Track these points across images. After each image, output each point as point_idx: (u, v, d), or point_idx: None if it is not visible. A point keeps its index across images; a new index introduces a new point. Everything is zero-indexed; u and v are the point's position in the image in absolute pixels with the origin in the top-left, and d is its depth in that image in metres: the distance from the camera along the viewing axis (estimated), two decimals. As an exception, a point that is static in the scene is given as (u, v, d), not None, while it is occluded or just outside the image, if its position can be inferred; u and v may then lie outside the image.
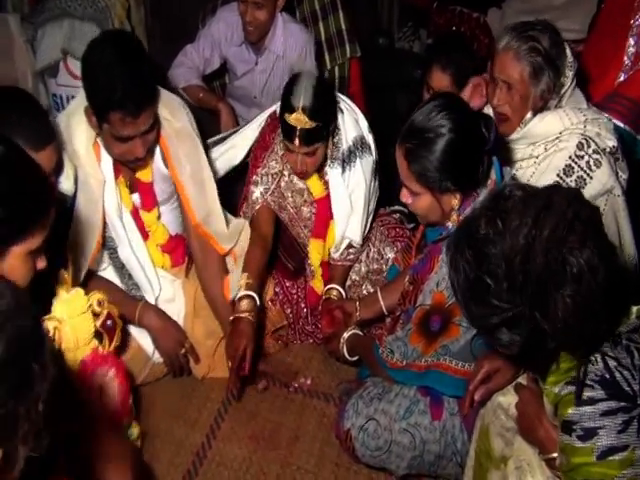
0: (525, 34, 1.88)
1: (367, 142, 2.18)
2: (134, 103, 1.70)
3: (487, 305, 1.12)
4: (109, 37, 1.80)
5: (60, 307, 1.47)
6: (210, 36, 2.80)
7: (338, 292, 2.21)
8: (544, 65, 1.86)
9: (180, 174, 1.96)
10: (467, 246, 1.14)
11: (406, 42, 4.01)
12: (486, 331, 1.18)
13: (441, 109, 1.52)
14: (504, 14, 3.43)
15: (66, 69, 2.88)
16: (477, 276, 1.12)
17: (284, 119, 1.92)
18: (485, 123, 1.55)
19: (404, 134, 1.60)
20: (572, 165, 1.92)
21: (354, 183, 2.15)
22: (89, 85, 1.74)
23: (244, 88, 2.85)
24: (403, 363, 1.68)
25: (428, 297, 1.61)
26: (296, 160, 2.00)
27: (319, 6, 3.16)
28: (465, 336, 1.59)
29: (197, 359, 2.10)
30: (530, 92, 1.89)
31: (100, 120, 1.75)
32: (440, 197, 1.59)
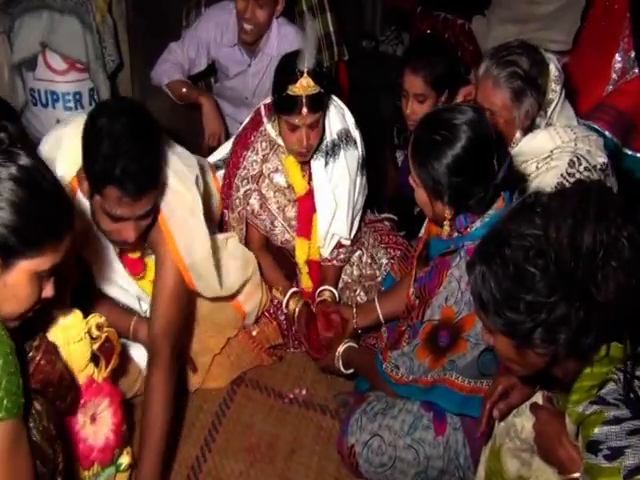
0: (503, 59, 1.88)
1: (352, 136, 2.17)
2: (135, 184, 1.52)
3: (524, 305, 1.10)
4: (124, 105, 1.64)
5: (56, 332, 1.40)
6: (197, 37, 2.72)
7: (331, 293, 2.20)
8: (525, 87, 1.86)
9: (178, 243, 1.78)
10: (502, 248, 1.12)
11: (390, 45, 4.01)
12: (521, 338, 1.15)
13: (466, 122, 1.50)
14: (489, 22, 3.45)
15: (45, 63, 2.78)
16: (518, 271, 1.09)
17: (287, 94, 1.90)
18: (499, 157, 1.52)
19: (422, 121, 1.59)
20: (564, 183, 1.91)
21: (337, 176, 2.14)
22: (90, 150, 1.55)
23: (235, 89, 2.79)
24: (409, 378, 1.66)
25: (437, 312, 1.60)
26: (300, 137, 1.98)
27: (307, 7, 3.12)
28: (472, 352, 1.58)
29: (195, 368, 2.06)
30: (514, 116, 1.90)
31: (94, 190, 1.58)
32: (432, 200, 1.58)
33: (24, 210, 1.13)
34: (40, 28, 2.74)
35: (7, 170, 1.12)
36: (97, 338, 1.52)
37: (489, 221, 1.56)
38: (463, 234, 1.58)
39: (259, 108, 2.18)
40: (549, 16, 3.28)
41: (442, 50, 2.37)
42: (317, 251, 2.25)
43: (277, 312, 2.24)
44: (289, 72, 1.91)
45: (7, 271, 1.15)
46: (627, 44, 2.61)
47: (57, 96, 2.80)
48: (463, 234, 1.58)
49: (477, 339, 1.57)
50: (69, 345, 1.44)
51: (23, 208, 1.13)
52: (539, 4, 3.37)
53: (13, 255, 1.15)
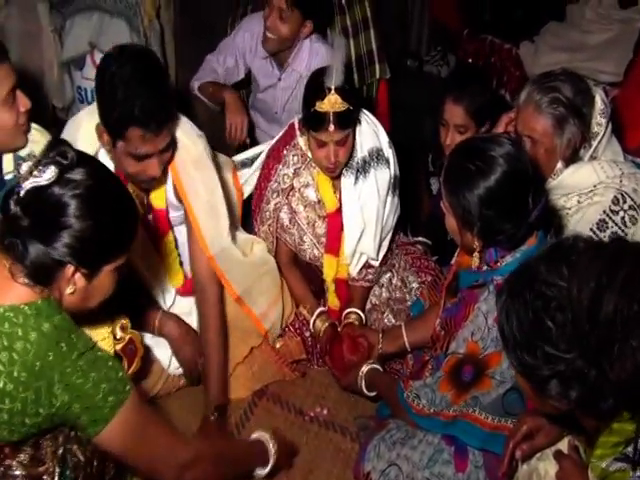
0: (545, 85, 1.83)
1: (384, 155, 2.14)
2: (155, 120, 1.63)
3: (542, 354, 1.07)
4: (127, 51, 1.71)
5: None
6: (234, 45, 2.73)
7: (358, 316, 2.17)
8: (567, 114, 1.80)
9: (194, 203, 1.87)
10: (526, 289, 1.09)
11: (434, 66, 3.96)
12: (536, 383, 1.12)
13: (503, 155, 1.46)
14: (537, 48, 3.41)
15: (92, 62, 2.82)
16: (536, 319, 1.07)
17: (315, 110, 1.90)
18: (535, 195, 1.48)
19: (457, 148, 1.57)
20: (606, 220, 1.87)
21: (366, 194, 2.11)
22: (105, 99, 1.65)
23: (265, 102, 2.79)
24: (430, 410, 1.63)
25: (462, 346, 1.57)
26: (328, 153, 1.97)
27: (350, 23, 3.11)
28: (497, 390, 1.54)
29: None
30: (555, 144, 1.84)
31: (115, 137, 1.66)
32: (462, 229, 1.55)
33: (98, 225, 1.20)
34: (90, 28, 2.79)
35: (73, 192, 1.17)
36: (121, 339, 1.52)
37: (520, 257, 1.52)
38: (493, 268, 1.55)
39: (293, 122, 2.18)
40: (600, 46, 3.24)
41: (484, 80, 2.34)
42: (345, 269, 2.22)
43: (302, 328, 2.22)
44: (317, 88, 1.90)
45: (94, 277, 1.25)
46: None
47: (98, 93, 2.85)
48: (493, 268, 1.55)
49: (503, 377, 1.53)
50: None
51: (97, 224, 1.19)
52: (591, 33, 3.33)
53: (98, 265, 1.24)
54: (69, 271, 1.19)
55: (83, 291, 1.24)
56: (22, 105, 1.68)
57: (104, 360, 1.23)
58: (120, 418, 1.22)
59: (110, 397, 1.20)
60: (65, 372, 1.16)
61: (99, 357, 1.23)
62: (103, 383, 1.20)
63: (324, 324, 2.14)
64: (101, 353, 1.24)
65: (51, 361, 1.15)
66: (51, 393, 1.15)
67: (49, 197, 1.16)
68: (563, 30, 3.43)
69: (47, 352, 1.15)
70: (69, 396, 1.17)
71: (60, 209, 1.16)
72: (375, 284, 2.28)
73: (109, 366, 1.23)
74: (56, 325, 1.17)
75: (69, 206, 1.16)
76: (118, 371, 1.24)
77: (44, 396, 1.15)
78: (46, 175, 1.15)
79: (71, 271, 1.19)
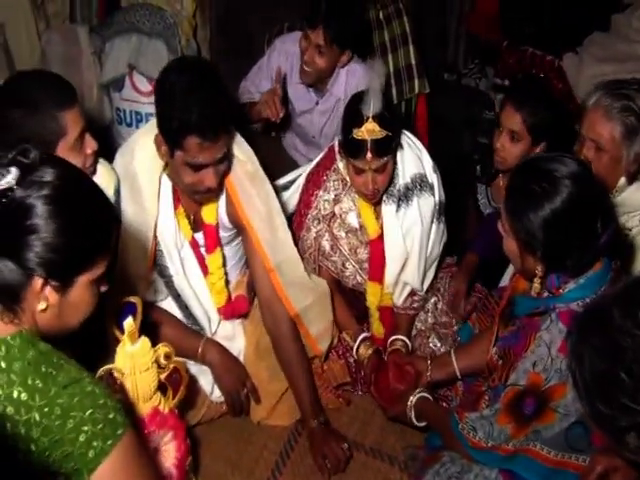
0: (618, 92, 1.77)
1: (428, 181, 2.06)
2: (212, 128, 1.62)
3: (617, 404, 0.99)
4: (185, 62, 1.76)
5: (123, 360, 1.37)
6: (269, 69, 2.64)
7: (404, 343, 2.10)
8: (638, 125, 1.73)
9: (252, 217, 1.86)
10: (597, 334, 1.02)
11: (472, 79, 3.90)
12: (612, 433, 1.05)
13: (570, 176, 1.39)
14: (581, 60, 3.31)
15: (131, 84, 2.84)
16: (610, 370, 0.99)
17: (352, 137, 1.84)
18: (604, 220, 1.40)
19: (520, 167, 1.50)
20: None
21: (409, 223, 2.04)
22: (164, 109, 1.66)
23: (302, 127, 2.74)
24: (488, 444, 1.54)
25: (522, 377, 1.48)
26: (366, 180, 1.91)
27: (389, 38, 3.07)
28: (561, 424, 1.46)
29: (258, 399, 2.00)
30: (622, 154, 1.77)
31: (173, 147, 1.66)
32: (523, 253, 1.47)
33: (69, 229, 1.08)
34: (129, 50, 2.81)
35: (38, 193, 1.05)
36: (165, 368, 1.48)
37: (584, 283, 1.44)
38: (555, 295, 1.47)
39: (333, 145, 2.12)
40: (647, 57, 3.12)
41: (551, 99, 2.22)
42: (389, 297, 2.16)
43: (346, 353, 2.15)
44: (354, 115, 1.85)
45: (68, 290, 1.12)
46: None
47: (141, 116, 2.85)
48: (555, 295, 1.47)
49: (567, 410, 1.45)
50: (135, 374, 1.40)
51: (67, 227, 1.08)
52: (637, 43, 3.22)
53: (70, 275, 1.12)
54: (37, 284, 1.07)
55: (57, 307, 1.11)
56: (89, 147, 1.69)
57: (93, 396, 1.07)
58: (106, 467, 1.06)
59: (95, 442, 1.05)
60: (43, 412, 1.03)
61: (87, 393, 1.07)
62: (86, 425, 1.04)
63: (368, 350, 2.07)
64: (91, 387, 1.08)
65: (25, 402, 1.02)
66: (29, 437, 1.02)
67: (11, 201, 1.03)
68: (609, 41, 3.33)
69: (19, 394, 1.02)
70: (48, 441, 1.02)
71: (24, 212, 1.04)
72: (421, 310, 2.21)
73: (99, 404, 1.07)
74: (29, 360, 1.05)
75: (34, 208, 1.04)
76: (110, 411, 1.08)
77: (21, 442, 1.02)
78: (6, 178, 1.03)
79: (40, 284, 1.07)
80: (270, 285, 1.91)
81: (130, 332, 1.37)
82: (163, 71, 1.69)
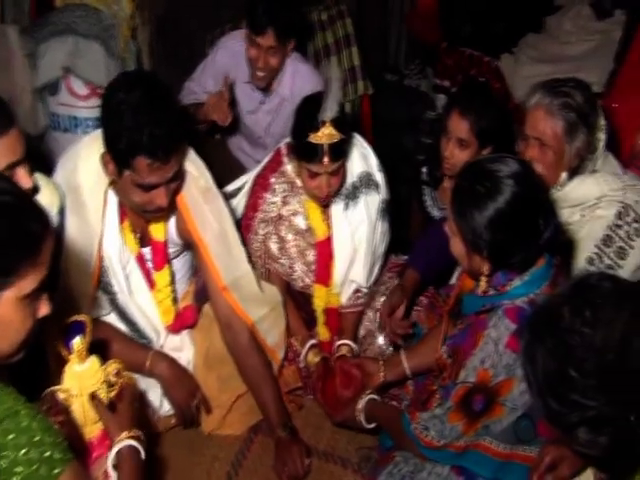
0: (557, 90, 1.83)
1: (374, 179, 2.10)
2: (163, 148, 1.56)
3: (568, 401, 1.03)
4: (134, 77, 1.68)
5: (71, 380, 1.31)
6: (214, 67, 2.62)
7: (349, 347, 2.10)
8: (578, 121, 1.80)
9: (204, 235, 1.82)
10: (548, 334, 1.05)
11: (413, 80, 3.96)
12: (563, 428, 1.08)
13: (511, 175, 1.42)
14: (517, 60, 3.41)
15: (67, 87, 2.73)
16: (560, 368, 1.03)
17: (307, 142, 1.83)
18: (546, 217, 1.44)
19: (465, 169, 1.52)
20: (611, 235, 1.86)
21: (357, 221, 2.07)
22: (112, 128, 1.59)
23: (248, 127, 2.72)
24: (440, 443, 1.56)
25: (472, 374, 1.50)
26: (321, 184, 1.92)
27: (333, 40, 3.09)
28: (509, 417, 1.49)
29: (209, 409, 1.98)
30: (564, 149, 1.83)
31: (122, 166, 1.60)
32: (470, 252, 1.50)
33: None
34: (64, 52, 2.70)
35: None
36: (114, 385, 1.42)
37: (528, 280, 1.48)
38: (500, 292, 1.50)
39: (279, 147, 2.12)
40: (580, 57, 3.25)
41: (495, 103, 2.26)
42: (336, 298, 2.17)
43: (296, 358, 2.14)
44: (310, 119, 1.84)
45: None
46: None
47: (78, 121, 2.75)
48: (500, 292, 1.50)
49: (514, 404, 1.48)
50: (84, 395, 1.35)
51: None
52: (570, 44, 3.34)
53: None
54: None
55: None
56: (24, 183, 1.45)
57: (29, 433, 0.98)
58: None
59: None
60: None
61: (23, 429, 0.98)
62: (20, 466, 0.96)
63: (315, 358, 2.07)
64: (27, 422, 0.99)
65: None
66: None
67: None
68: (542, 42, 3.44)
69: None
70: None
71: None
72: (367, 307, 2.22)
73: (35, 442, 0.98)
74: None
75: None
76: (47, 448, 0.99)
77: None
78: None
79: None
80: (225, 301, 1.88)
81: (78, 351, 1.32)
82: (110, 87, 1.63)
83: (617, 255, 1.85)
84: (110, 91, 1.60)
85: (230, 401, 1.98)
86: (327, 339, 2.18)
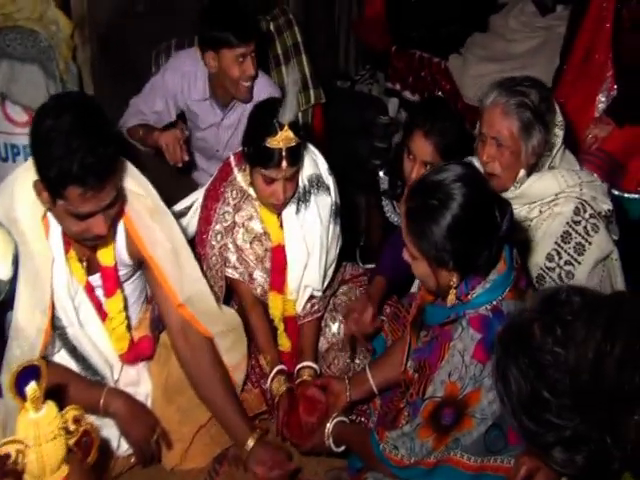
0: (513, 89, 1.84)
1: (324, 182, 2.08)
2: (95, 176, 1.48)
3: (543, 421, 1.01)
4: (63, 101, 1.57)
5: (26, 429, 1.21)
6: (163, 88, 2.57)
7: (311, 370, 2.03)
8: (534, 120, 1.81)
9: (155, 253, 1.75)
10: (520, 354, 1.02)
11: (364, 85, 3.95)
12: (539, 448, 1.06)
13: (457, 179, 1.40)
14: (465, 60, 3.43)
15: (4, 114, 2.63)
16: (534, 389, 1.00)
17: (265, 146, 1.81)
18: (500, 208, 1.42)
19: (411, 189, 1.49)
20: (570, 231, 1.87)
21: (309, 223, 2.04)
22: (41, 157, 1.51)
23: (206, 140, 2.66)
24: (411, 461, 1.52)
25: (439, 389, 1.47)
26: (277, 190, 1.89)
27: (282, 50, 3.05)
28: (479, 428, 1.46)
29: (170, 444, 1.89)
30: (521, 148, 1.83)
31: (54, 196, 1.52)
32: (436, 269, 1.47)
33: None
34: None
35: None
36: (74, 432, 1.33)
37: (490, 287, 1.46)
38: (463, 301, 1.47)
39: (228, 158, 2.10)
40: (526, 54, 3.28)
41: (453, 116, 2.25)
42: (292, 306, 2.12)
43: (260, 380, 2.08)
44: (266, 123, 1.82)
45: None
46: (610, 84, 2.58)
47: (18, 149, 2.65)
48: (463, 301, 1.47)
49: (484, 414, 1.45)
50: (41, 444, 1.23)
51: None
52: (515, 42, 3.37)
53: None
54: None
55: None
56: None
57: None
58: None
59: None
60: None
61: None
62: None
63: (281, 387, 1.98)
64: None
65: None
66: None
67: None
68: (488, 40, 3.46)
69: None
70: None
71: None
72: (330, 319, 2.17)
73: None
74: None
75: None
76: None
77: None
78: None
79: None
80: (181, 317, 1.81)
81: (33, 398, 1.22)
82: (39, 112, 1.54)
83: (575, 251, 1.85)
84: (39, 117, 1.52)
85: (191, 433, 1.90)
86: (288, 349, 2.13)
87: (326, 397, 1.90)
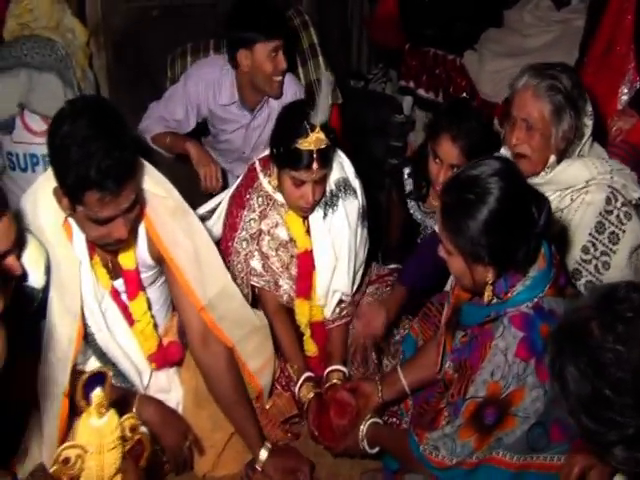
0: (544, 72, 1.84)
1: (351, 185, 2.07)
2: (113, 179, 1.47)
3: (605, 420, 1.00)
4: (79, 106, 1.57)
5: (88, 436, 1.20)
6: (185, 97, 2.58)
7: (340, 373, 2.02)
8: (565, 104, 1.81)
9: (175, 254, 1.74)
10: (578, 353, 1.01)
11: (378, 84, 3.93)
12: (599, 446, 1.05)
13: (494, 174, 1.40)
14: (481, 56, 3.39)
15: (23, 124, 2.60)
16: (594, 388, 0.99)
17: (296, 148, 1.80)
18: (537, 203, 1.41)
19: (447, 185, 1.50)
20: (603, 222, 1.85)
21: (337, 228, 2.03)
22: (59, 163, 1.51)
23: (232, 143, 2.67)
24: (452, 462, 1.50)
25: (481, 388, 1.45)
26: (306, 192, 1.89)
27: (298, 51, 3.02)
28: (522, 427, 1.44)
29: (202, 451, 1.88)
30: (551, 131, 1.83)
31: (73, 202, 1.52)
32: (472, 265, 1.46)
33: None
34: (17, 88, 2.57)
35: None
36: (128, 440, 1.32)
37: (531, 284, 1.44)
38: (503, 300, 1.45)
39: (253, 163, 2.08)
40: (543, 49, 3.23)
41: (478, 116, 2.25)
42: (320, 311, 2.11)
43: (290, 383, 2.05)
44: (297, 125, 1.81)
45: None
46: (632, 76, 2.55)
47: (37, 159, 2.62)
48: (503, 300, 1.45)
49: (526, 413, 1.43)
50: (102, 453, 1.23)
51: None
52: (531, 37, 3.33)
53: None
54: None
55: None
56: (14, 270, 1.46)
57: None
58: None
59: None
60: None
61: None
62: None
63: (310, 393, 1.97)
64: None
65: None
66: None
67: None
68: (503, 36, 3.43)
69: None
70: None
71: None
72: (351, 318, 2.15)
73: None
74: None
75: None
76: None
77: None
78: None
79: None
80: (202, 322, 1.79)
81: (99, 404, 1.21)
82: (54, 120, 1.54)
83: (610, 241, 1.84)
84: (55, 123, 1.52)
85: (224, 440, 1.88)
86: (315, 354, 2.12)
87: (356, 399, 1.89)
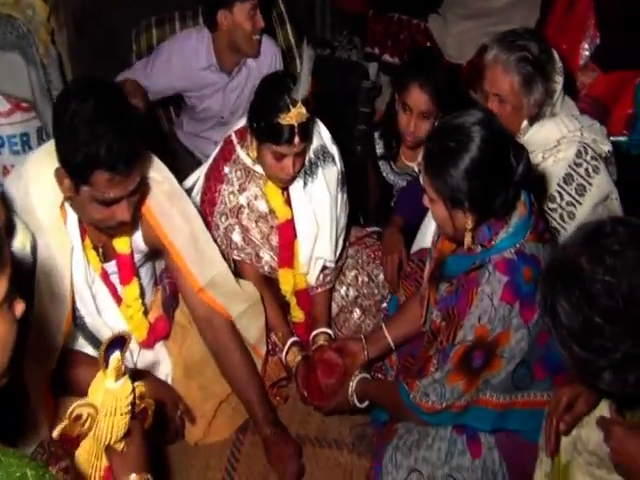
0: (513, 44, 1.87)
1: (329, 152, 2.08)
2: (124, 161, 1.46)
3: (595, 347, 1.05)
4: (85, 86, 1.53)
5: (103, 397, 1.20)
6: (167, 71, 2.63)
7: (326, 335, 2.07)
8: (535, 73, 1.86)
9: (174, 239, 1.74)
10: (570, 287, 1.06)
11: (344, 51, 3.92)
12: (589, 374, 1.11)
13: (477, 122, 1.44)
14: (445, 19, 3.40)
15: (-13, 103, 2.56)
16: (585, 318, 1.04)
17: (278, 122, 1.79)
18: (515, 153, 1.46)
19: (431, 133, 1.56)
20: (571, 173, 1.92)
21: (317, 195, 2.05)
22: (66, 142, 1.48)
23: (210, 110, 2.68)
24: (442, 405, 1.57)
25: (470, 333, 1.51)
26: (287, 165, 1.89)
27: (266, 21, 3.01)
28: (507, 367, 1.51)
29: (193, 420, 1.90)
30: (522, 102, 1.88)
31: (79, 182, 1.50)
32: (452, 211, 1.50)
33: None
34: (-22, 68, 2.53)
35: None
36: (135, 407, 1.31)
37: (513, 231, 1.49)
38: (487, 247, 1.50)
39: (230, 136, 2.06)
40: (505, 9, 3.25)
41: (442, 66, 2.33)
42: (303, 279, 2.14)
43: (275, 348, 2.08)
44: (278, 99, 1.79)
45: None
46: (593, 32, 2.62)
47: (2, 140, 2.61)
48: (487, 247, 1.50)
49: (512, 353, 1.50)
50: (114, 416, 1.23)
51: None
52: (493, -3, 3.35)
53: None
54: None
55: None
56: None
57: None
58: None
59: None
60: None
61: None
62: None
63: (297, 357, 2.01)
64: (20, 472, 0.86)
65: None
66: None
67: None
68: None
69: None
70: None
71: None
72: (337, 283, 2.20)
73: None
74: None
75: None
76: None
77: None
78: None
79: None
80: (203, 301, 1.81)
81: (116, 367, 1.21)
82: (60, 98, 1.53)
83: (577, 192, 1.91)
84: (61, 102, 1.49)
85: (214, 408, 1.91)
86: (302, 320, 2.16)
87: (343, 358, 1.94)
